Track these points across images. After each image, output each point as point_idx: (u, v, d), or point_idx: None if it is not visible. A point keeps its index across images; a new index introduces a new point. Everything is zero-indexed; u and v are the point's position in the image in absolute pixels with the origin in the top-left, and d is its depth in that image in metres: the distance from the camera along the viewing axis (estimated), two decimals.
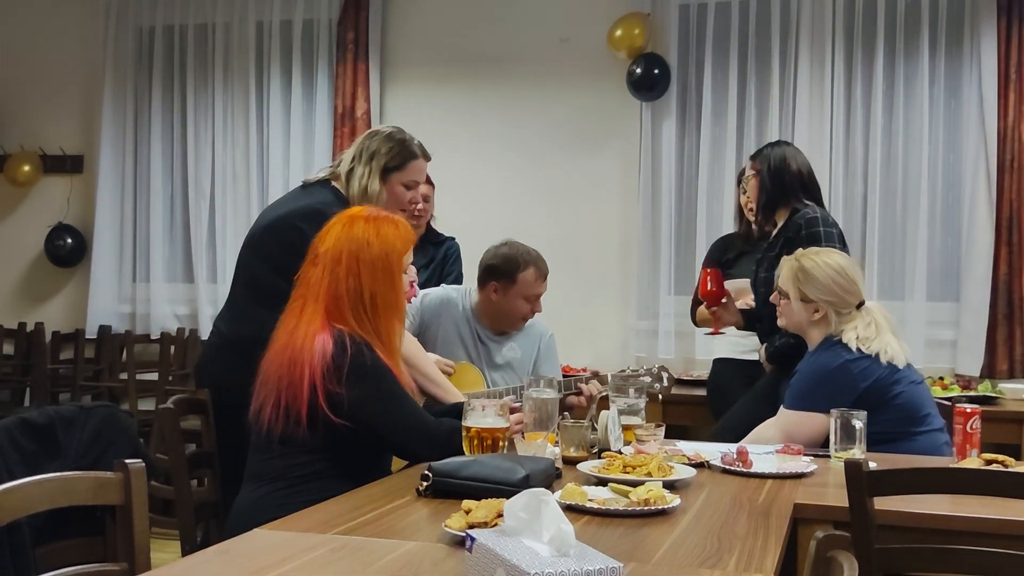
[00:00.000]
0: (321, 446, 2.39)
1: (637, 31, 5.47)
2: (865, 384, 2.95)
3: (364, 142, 3.08)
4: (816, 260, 3.10)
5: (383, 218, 2.54)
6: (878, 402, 2.92)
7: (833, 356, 3.00)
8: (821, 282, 3.05)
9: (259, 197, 6.11)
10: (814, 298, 3.06)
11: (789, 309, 3.13)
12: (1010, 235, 5.07)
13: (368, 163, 3.03)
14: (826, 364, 3.00)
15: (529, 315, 3.46)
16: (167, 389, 5.73)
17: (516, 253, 3.43)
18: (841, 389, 2.94)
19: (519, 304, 3.42)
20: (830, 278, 3.05)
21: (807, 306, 3.08)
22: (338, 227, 2.51)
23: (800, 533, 2.27)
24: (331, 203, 2.95)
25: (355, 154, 3.06)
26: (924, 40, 5.22)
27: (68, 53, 6.53)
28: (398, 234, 2.52)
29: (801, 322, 3.11)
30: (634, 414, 2.91)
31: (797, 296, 3.08)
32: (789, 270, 3.12)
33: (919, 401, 3.05)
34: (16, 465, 3.12)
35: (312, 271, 2.49)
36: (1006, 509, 2.21)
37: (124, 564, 1.93)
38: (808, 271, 3.07)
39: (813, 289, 3.06)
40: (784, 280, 3.13)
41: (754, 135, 5.45)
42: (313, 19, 6.10)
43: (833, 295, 3.05)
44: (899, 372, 3.01)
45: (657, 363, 3.69)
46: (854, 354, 2.98)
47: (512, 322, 3.47)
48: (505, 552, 1.48)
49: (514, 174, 5.81)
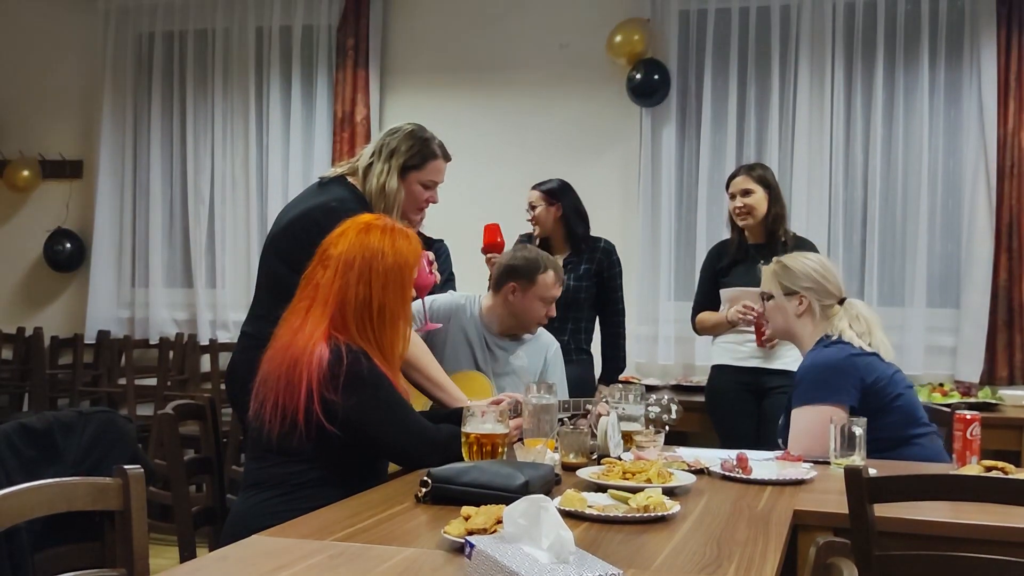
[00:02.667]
0: (317, 454, 2.38)
1: (637, 37, 5.47)
2: (870, 379, 2.95)
3: (385, 138, 3.05)
4: (793, 256, 3.24)
5: (398, 230, 2.53)
6: (881, 404, 2.93)
7: (837, 351, 3.01)
8: (800, 271, 3.13)
9: (258, 202, 6.12)
10: (796, 288, 3.11)
11: (774, 310, 3.17)
12: (1010, 242, 5.07)
13: (388, 160, 3.01)
14: (831, 358, 3.00)
15: (543, 320, 3.46)
16: (166, 394, 5.72)
17: (537, 256, 3.49)
18: (850, 382, 2.94)
19: (536, 306, 3.42)
20: (808, 267, 3.14)
21: (791, 300, 3.12)
22: (352, 233, 2.49)
23: (800, 540, 2.26)
24: (348, 199, 2.93)
25: (375, 150, 3.04)
26: (924, 48, 5.23)
27: (68, 59, 6.53)
28: (411, 248, 2.52)
29: (787, 320, 3.14)
30: (633, 420, 2.91)
31: (780, 291, 3.14)
32: (768, 271, 3.21)
33: (916, 403, 3.07)
34: (15, 471, 3.11)
35: (322, 273, 2.47)
36: (1006, 516, 2.20)
37: (123, 570, 1.93)
38: (786, 264, 3.17)
39: (794, 278, 3.13)
40: (766, 282, 3.20)
41: (754, 141, 5.46)
42: (313, 25, 6.11)
43: (813, 282, 3.11)
44: (899, 373, 3.04)
45: (664, 384, 3.73)
46: (857, 350, 3.01)
47: (526, 325, 3.47)
48: (504, 559, 1.48)
49: (514, 180, 5.80)
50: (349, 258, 2.45)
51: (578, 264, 4.36)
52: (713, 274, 4.35)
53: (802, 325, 3.12)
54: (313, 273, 2.49)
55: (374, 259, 2.45)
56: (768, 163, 5.39)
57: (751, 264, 4.17)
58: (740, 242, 4.28)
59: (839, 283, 3.17)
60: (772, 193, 4.23)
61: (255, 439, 2.45)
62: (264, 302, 2.99)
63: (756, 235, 4.25)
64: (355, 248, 2.46)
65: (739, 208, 4.21)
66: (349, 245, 2.47)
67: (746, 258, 4.23)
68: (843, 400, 2.91)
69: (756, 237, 4.25)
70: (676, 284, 5.59)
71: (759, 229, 4.23)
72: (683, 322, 5.47)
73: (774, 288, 3.16)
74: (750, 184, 4.21)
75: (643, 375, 5.38)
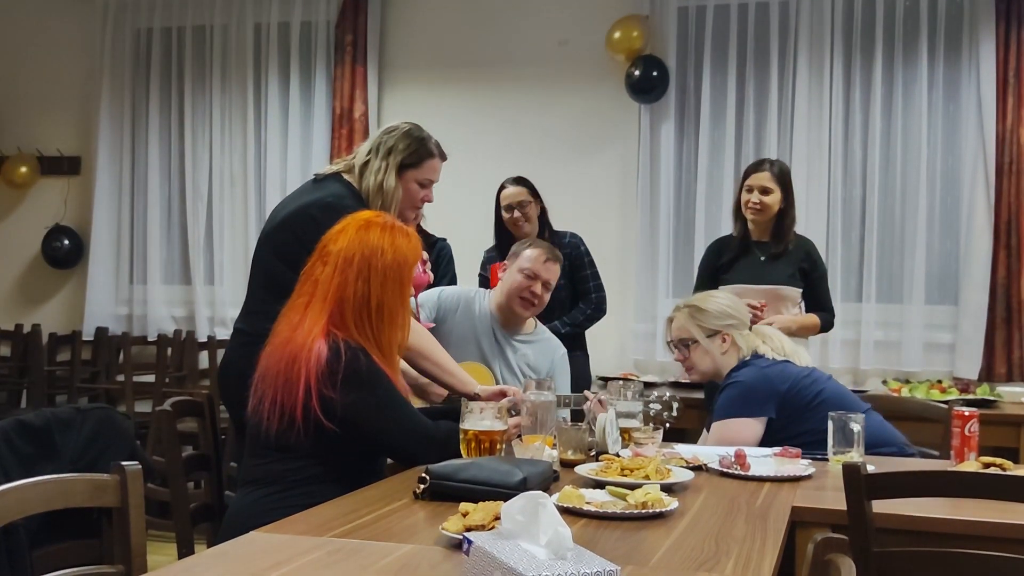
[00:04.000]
0: (315, 451, 2.38)
1: (636, 33, 5.47)
2: (785, 387, 3.04)
3: (381, 137, 3.06)
4: (700, 297, 3.33)
5: (398, 228, 2.53)
6: (803, 403, 3.02)
7: (749, 371, 3.10)
8: (717, 311, 3.21)
9: (256, 199, 6.11)
10: (717, 327, 3.18)
11: (701, 355, 3.21)
12: (1008, 238, 5.07)
13: (385, 158, 3.01)
14: (746, 377, 3.09)
15: (524, 291, 3.44)
16: (164, 391, 5.72)
17: (532, 240, 3.61)
18: (764, 397, 3.03)
19: (516, 279, 3.44)
20: (722, 304, 3.24)
21: (714, 339, 3.19)
22: (352, 229, 2.49)
23: (798, 536, 2.26)
24: (344, 196, 2.94)
25: (372, 148, 3.05)
26: (923, 44, 5.23)
27: (65, 54, 6.53)
28: (410, 246, 2.52)
29: (715, 360, 3.20)
30: (631, 417, 2.91)
31: (702, 334, 3.19)
32: (681, 318, 3.24)
33: (842, 392, 3.15)
34: (12, 467, 3.11)
35: (321, 269, 2.47)
36: (1004, 512, 2.20)
37: (121, 566, 1.92)
38: (699, 307, 3.24)
39: (712, 319, 3.19)
40: (680, 330, 3.24)
41: (752, 138, 5.46)
42: (311, 21, 6.10)
43: (730, 317, 3.20)
44: (815, 372, 3.14)
45: (664, 381, 3.73)
46: (768, 361, 3.12)
47: (511, 301, 3.46)
48: (502, 555, 1.48)
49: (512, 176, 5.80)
50: (349, 255, 2.45)
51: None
52: (713, 270, 4.30)
53: (727, 360, 3.19)
54: (312, 269, 2.49)
55: (373, 256, 2.45)
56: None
57: (753, 259, 4.17)
58: (744, 236, 4.23)
59: (746, 311, 3.30)
60: (788, 195, 4.17)
61: (253, 435, 2.45)
62: (258, 298, 2.99)
63: (761, 231, 4.21)
64: (355, 245, 2.46)
65: (753, 204, 4.14)
66: (349, 242, 2.46)
67: (748, 253, 4.21)
68: (757, 413, 3.02)
69: (761, 233, 4.21)
70: (674, 280, 5.59)
71: (767, 227, 4.19)
72: None
73: (695, 333, 3.20)
74: (771, 183, 4.12)
75: (641, 372, 5.38)
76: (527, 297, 3.45)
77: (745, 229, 4.24)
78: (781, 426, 3.02)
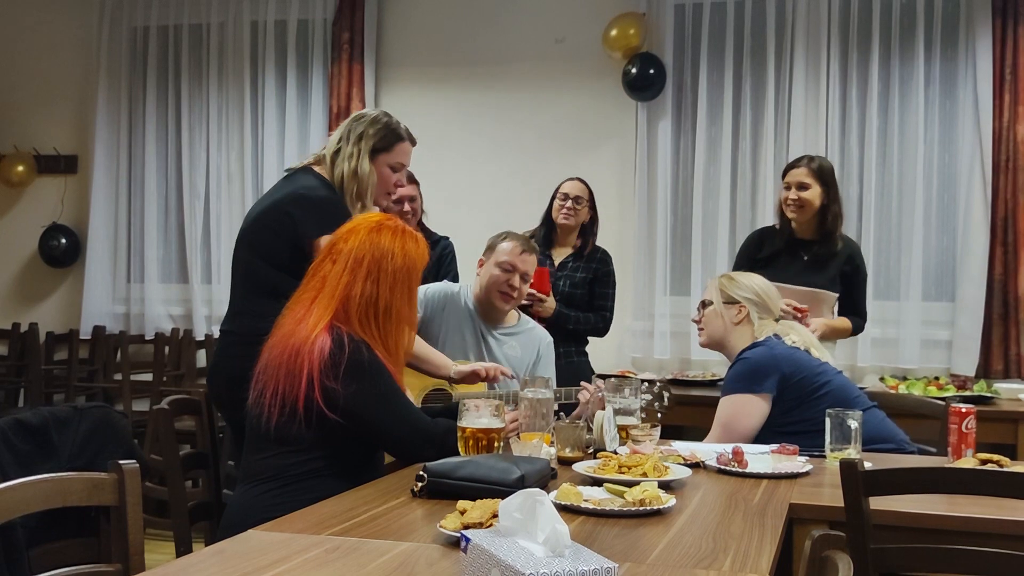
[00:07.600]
0: (315, 444, 2.39)
1: (632, 31, 5.47)
2: (788, 371, 3.03)
3: (351, 124, 3.11)
4: (739, 272, 3.41)
5: (408, 233, 2.57)
6: (803, 394, 3.02)
7: (761, 350, 3.10)
8: (745, 284, 3.24)
9: (253, 197, 6.10)
10: (738, 298, 3.20)
11: (712, 316, 3.24)
12: (1005, 235, 5.08)
13: (356, 143, 3.05)
14: (754, 355, 3.09)
15: (502, 286, 3.44)
16: (161, 390, 5.72)
17: (507, 233, 3.59)
18: (768, 373, 3.03)
19: (494, 273, 3.45)
20: (754, 283, 3.26)
21: (730, 308, 3.20)
22: (364, 231, 2.52)
23: (796, 533, 2.27)
24: (316, 187, 2.98)
25: (342, 135, 3.09)
26: (919, 41, 5.23)
27: (62, 53, 6.52)
28: (419, 251, 2.56)
29: (725, 327, 3.21)
30: (629, 415, 2.91)
31: (720, 299, 3.22)
32: (714, 281, 3.30)
33: (848, 387, 3.16)
34: (10, 466, 3.11)
35: (330, 266, 2.50)
36: (1001, 509, 2.21)
37: (118, 565, 1.92)
38: (733, 277, 3.30)
39: (736, 288, 3.22)
40: (709, 292, 3.28)
41: (750, 135, 5.46)
42: (308, 19, 6.10)
43: (755, 295, 3.21)
44: (827, 366, 3.14)
45: (658, 377, 3.73)
46: (780, 344, 3.13)
47: (490, 295, 3.47)
48: (500, 552, 1.48)
49: (509, 174, 5.81)
50: (359, 255, 2.48)
51: (576, 269, 4.41)
52: (751, 262, 4.16)
53: (738, 335, 3.19)
54: (320, 266, 2.52)
55: (384, 259, 2.48)
56: (763, 156, 5.40)
57: (795, 258, 4.10)
58: (789, 234, 4.15)
59: (778, 306, 3.28)
60: (830, 191, 4.08)
61: (253, 428, 2.45)
62: (241, 298, 3.03)
63: (806, 230, 4.13)
64: (366, 246, 2.49)
65: (792, 200, 4.07)
66: (360, 242, 2.50)
67: (791, 251, 4.13)
68: (759, 390, 3.02)
69: (806, 232, 4.13)
70: (672, 278, 5.59)
71: (810, 224, 4.11)
72: (679, 316, 5.47)
73: (715, 296, 3.24)
74: (808, 179, 4.05)
75: (639, 369, 5.38)
76: (506, 291, 3.46)
77: (789, 227, 4.16)
78: (783, 410, 3.02)
